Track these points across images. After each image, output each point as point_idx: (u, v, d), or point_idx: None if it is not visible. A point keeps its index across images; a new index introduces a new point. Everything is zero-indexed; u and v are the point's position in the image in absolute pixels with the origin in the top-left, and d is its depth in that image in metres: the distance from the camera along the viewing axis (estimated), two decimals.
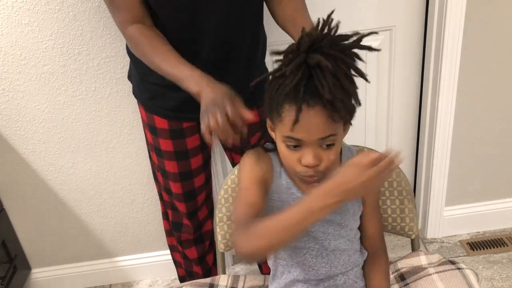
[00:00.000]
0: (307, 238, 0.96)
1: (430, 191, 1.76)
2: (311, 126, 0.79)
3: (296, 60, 0.77)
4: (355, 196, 0.77)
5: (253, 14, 1.12)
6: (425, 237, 1.86)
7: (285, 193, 0.95)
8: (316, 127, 0.79)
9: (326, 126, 0.79)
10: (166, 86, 1.14)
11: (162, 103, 1.18)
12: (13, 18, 1.36)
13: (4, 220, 1.65)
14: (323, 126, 0.79)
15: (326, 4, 1.47)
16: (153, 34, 1.04)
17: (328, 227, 0.96)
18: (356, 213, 0.99)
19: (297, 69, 0.77)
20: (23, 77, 1.45)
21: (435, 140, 1.66)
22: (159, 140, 1.24)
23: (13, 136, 1.54)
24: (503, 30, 1.51)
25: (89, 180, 1.64)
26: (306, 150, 0.82)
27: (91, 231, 1.74)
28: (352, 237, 0.99)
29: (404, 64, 1.61)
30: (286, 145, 0.84)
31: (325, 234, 0.96)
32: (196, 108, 1.18)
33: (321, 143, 0.81)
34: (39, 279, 1.81)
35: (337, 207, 0.75)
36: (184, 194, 1.32)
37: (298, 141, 0.82)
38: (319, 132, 0.80)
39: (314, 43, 0.77)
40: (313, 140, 0.81)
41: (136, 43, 1.05)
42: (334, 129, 0.81)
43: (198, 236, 1.44)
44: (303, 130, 0.79)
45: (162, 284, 1.81)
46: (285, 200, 0.95)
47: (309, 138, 0.80)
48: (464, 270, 0.99)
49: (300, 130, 0.79)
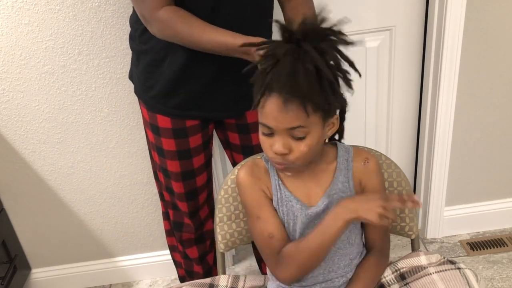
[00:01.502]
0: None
1: (430, 191, 1.76)
2: (279, 115, 0.81)
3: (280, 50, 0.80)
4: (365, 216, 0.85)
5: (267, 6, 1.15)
6: (425, 237, 1.86)
7: (285, 206, 0.95)
8: (283, 116, 0.81)
9: (294, 117, 0.81)
10: (173, 82, 1.15)
11: (167, 101, 1.18)
12: (13, 18, 1.36)
13: (4, 220, 1.65)
14: (291, 117, 0.81)
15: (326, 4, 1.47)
16: (187, 12, 1.04)
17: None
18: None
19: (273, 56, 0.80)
20: (23, 77, 1.45)
21: (435, 140, 1.66)
22: (162, 140, 1.24)
23: (13, 136, 1.54)
24: (503, 30, 1.51)
25: (89, 180, 1.64)
26: (276, 138, 0.85)
27: (91, 231, 1.74)
28: (353, 239, 0.98)
29: (404, 64, 1.61)
30: (261, 132, 0.87)
31: None
32: (201, 106, 1.19)
33: (290, 133, 0.83)
34: (39, 279, 1.81)
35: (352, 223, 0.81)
36: (186, 194, 1.32)
37: (269, 129, 0.84)
38: (286, 121, 0.82)
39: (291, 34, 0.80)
40: (281, 129, 0.83)
41: (173, 22, 1.02)
42: (303, 121, 0.82)
43: (199, 236, 1.44)
44: (272, 118, 0.82)
45: (162, 284, 1.81)
46: (285, 213, 0.95)
47: (277, 126, 0.83)
48: (464, 270, 0.99)
49: (269, 118, 0.83)
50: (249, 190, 0.96)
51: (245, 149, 1.30)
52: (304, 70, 0.77)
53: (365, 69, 1.59)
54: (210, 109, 1.20)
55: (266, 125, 0.84)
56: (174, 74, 1.14)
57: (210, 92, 1.16)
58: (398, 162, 1.19)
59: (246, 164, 1.00)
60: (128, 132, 1.56)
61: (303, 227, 0.95)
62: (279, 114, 0.81)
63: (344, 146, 1.00)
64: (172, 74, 1.14)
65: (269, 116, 0.83)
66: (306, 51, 0.78)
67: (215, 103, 1.19)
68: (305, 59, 0.78)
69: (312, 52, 0.78)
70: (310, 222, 0.95)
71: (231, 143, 1.32)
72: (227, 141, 1.33)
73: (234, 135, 1.29)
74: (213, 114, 1.22)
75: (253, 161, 1.01)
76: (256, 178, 0.96)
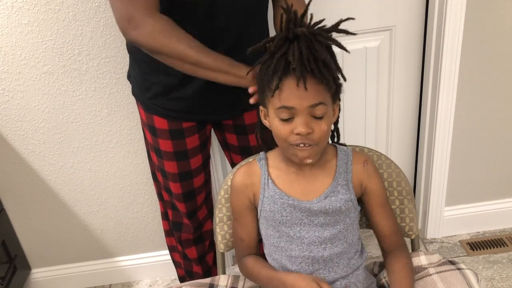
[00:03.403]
0: (301, 246, 0.96)
1: (430, 191, 1.76)
2: (301, 93, 0.83)
3: (278, 37, 0.85)
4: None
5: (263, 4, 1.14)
6: (425, 237, 1.86)
7: (274, 203, 0.96)
8: (306, 94, 0.83)
9: (316, 93, 0.84)
10: (166, 85, 1.15)
11: (162, 102, 1.18)
12: (13, 18, 1.36)
13: (4, 220, 1.65)
14: (313, 93, 0.84)
15: (327, 4, 1.47)
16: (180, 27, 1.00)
17: (323, 232, 0.95)
18: (352, 211, 0.98)
19: (282, 45, 0.84)
20: (23, 77, 1.45)
21: (435, 140, 1.66)
22: (159, 141, 1.24)
23: (13, 136, 1.54)
24: (503, 30, 1.51)
25: (89, 180, 1.64)
26: (298, 119, 0.86)
27: (91, 231, 1.74)
28: (351, 238, 0.98)
29: (404, 64, 1.61)
30: (279, 119, 0.88)
31: (321, 239, 0.95)
32: (196, 108, 1.19)
33: (311, 111, 0.85)
34: (39, 279, 1.81)
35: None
36: (183, 194, 1.32)
37: (290, 111, 0.86)
38: (309, 98, 0.84)
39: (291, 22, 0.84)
40: (304, 107, 0.85)
41: (169, 32, 0.97)
42: (324, 97, 0.85)
43: (198, 236, 1.44)
44: (294, 97, 0.84)
45: (162, 284, 1.81)
46: (276, 210, 0.96)
47: (300, 104, 0.84)
48: (464, 270, 0.99)
49: (291, 98, 0.84)
50: (236, 194, 1.02)
51: (243, 150, 1.30)
52: (321, 47, 0.83)
53: (365, 69, 1.59)
54: (207, 111, 1.20)
55: (287, 106, 0.85)
56: (168, 77, 1.13)
57: (206, 95, 1.16)
58: (398, 162, 1.20)
59: (241, 169, 1.03)
60: (128, 132, 1.56)
61: (295, 221, 0.96)
62: (301, 92, 0.83)
63: (343, 149, 1.01)
64: (166, 77, 1.13)
65: (290, 97, 0.84)
66: (314, 34, 0.84)
67: (211, 105, 1.19)
68: (317, 39, 0.83)
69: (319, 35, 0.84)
70: (303, 217, 0.95)
71: (229, 144, 1.32)
72: (225, 142, 1.33)
73: (232, 136, 1.29)
74: (210, 116, 1.22)
75: (248, 165, 1.03)
76: (245, 186, 1.00)
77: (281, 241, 0.98)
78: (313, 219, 0.95)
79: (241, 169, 1.03)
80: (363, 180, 0.98)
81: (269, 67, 0.86)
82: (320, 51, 0.83)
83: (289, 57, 0.83)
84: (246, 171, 1.01)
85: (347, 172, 0.97)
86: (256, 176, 0.99)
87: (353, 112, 1.67)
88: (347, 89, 1.62)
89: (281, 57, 0.84)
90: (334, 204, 0.94)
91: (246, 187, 1.00)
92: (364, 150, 1.11)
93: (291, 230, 0.96)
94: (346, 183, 0.96)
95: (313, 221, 0.95)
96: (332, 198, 0.95)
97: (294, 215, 0.95)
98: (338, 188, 0.96)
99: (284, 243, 0.98)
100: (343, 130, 1.69)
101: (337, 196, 0.95)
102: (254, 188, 0.99)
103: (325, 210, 0.94)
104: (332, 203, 0.94)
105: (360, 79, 1.61)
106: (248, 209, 1.01)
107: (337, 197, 0.95)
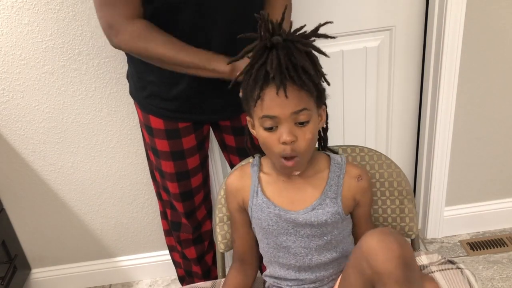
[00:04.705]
0: (287, 255, 0.96)
1: (430, 191, 1.76)
2: (283, 101, 0.83)
3: (257, 46, 0.85)
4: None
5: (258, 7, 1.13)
6: (425, 237, 1.86)
7: (261, 211, 0.96)
8: (287, 101, 0.83)
9: (298, 99, 0.84)
10: (162, 84, 1.15)
11: (158, 102, 1.18)
12: (13, 18, 1.36)
13: (4, 220, 1.65)
14: (294, 100, 0.84)
15: (326, 4, 1.47)
16: (159, 29, 1.04)
17: (310, 243, 0.95)
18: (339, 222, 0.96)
19: (261, 54, 0.84)
20: (23, 77, 1.45)
21: (435, 140, 1.66)
22: (155, 140, 1.24)
23: (13, 136, 1.54)
24: (503, 30, 1.51)
25: (89, 180, 1.64)
26: (281, 127, 0.86)
27: (91, 231, 1.74)
28: (342, 247, 0.98)
29: (404, 64, 1.61)
30: (263, 129, 0.88)
31: (307, 250, 0.95)
32: (192, 108, 1.19)
33: (295, 118, 0.85)
34: (39, 279, 1.81)
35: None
36: (181, 194, 1.32)
37: (273, 120, 0.85)
38: (292, 105, 0.84)
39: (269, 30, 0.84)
40: (286, 115, 0.84)
41: (146, 36, 1.02)
42: (306, 103, 0.85)
43: (197, 236, 1.44)
44: (276, 105, 0.84)
45: (162, 284, 1.81)
46: (263, 219, 0.96)
47: (282, 113, 0.84)
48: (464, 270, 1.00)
49: (273, 106, 0.84)
50: (229, 198, 1.03)
51: (240, 151, 1.30)
52: (299, 54, 0.82)
53: (365, 69, 1.59)
54: (202, 111, 1.20)
55: (269, 115, 0.85)
56: (161, 77, 1.13)
57: (201, 95, 1.16)
58: (398, 162, 1.20)
59: (234, 172, 1.05)
60: (128, 132, 1.56)
61: (281, 231, 0.96)
62: (282, 100, 0.83)
63: (337, 160, 0.99)
64: (160, 76, 1.14)
65: (272, 105, 0.84)
66: (292, 41, 0.83)
67: (207, 106, 1.19)
68: (295, 47, 0.83)
69: (297, 42, 0.84)
70: (289, 227, 0.95)
71: (227, 145, 1.32)
72: (223, 143, 1.34)
73: (230, 137, 1.29)
74: (205, 116, 1.22)
75: (241, 169, 1.04)
76: (236, 190, 1.01)
77: (269, 248, 0.99)
78: (299, 230, 0.95)
79: (235, 173, 1.04)
80: (356, 195, 0.97)
81: (250, 77, 0.86)
82: (299, 58, 0.83)
83: (267, 65, 0.83)
84: (239, 175, 1.02)
85: (338, 185, 0.96)
86: (247, 182, 1.00)
87: (353, 112, 1.67)
88: (347, 89, 1.62)
89: (261, 66, 0.84)
90: (320, 217, 0.93)
91: (238, 191, 1.01)
92: (364, 150, 1.11)
93: (278, 239, 0.97)
94: (335, 196, 0.95)
95: (299, 232, 0.95)
96: (319, 210, 0.94)
97: (280, 225, 0.95)
98: (326, 201, 0.95)
99: (272, 249, 0.99)
100: (343, 130, 1.69)
101: (324, 209, 0.94)
102: (245, 193, 1.00)
103: (310, 222, 0.93)
104: (318, 216, 0.93)
105: (360, 79, 1.61)
106: (239, 211, 1.02)
107: (324, 210, 0.94)
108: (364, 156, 1.11)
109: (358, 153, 1.11)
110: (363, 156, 1.11)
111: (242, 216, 1.02)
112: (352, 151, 1.12)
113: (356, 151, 1.11)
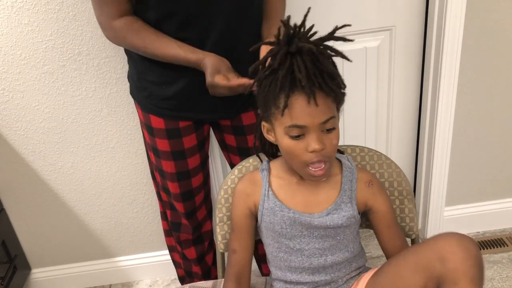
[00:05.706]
0: (301, 258, 0.96)
1: (430, 191, 1.76)
2: (312, 111, 0.81)
3: (281, 52, 0.81)
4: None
5: (256, 13, 1.13)
6: (425, 237, 1.86)
7: (274, 214, 0.96)
8: (316, 110, 0.81)
9: (326, 108, 0.82)
10: (162, 84, 1.15)
11: (158, 101, 1.18)
12: (13, 18, 1.36)
13: (4, 220, 1.65)
14: (323, 109, 0.82)
15: (327, 4, 1.47)
16: (143, 23, 1.07)
17: (323, 243, 0.95)
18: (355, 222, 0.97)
19: (284, 60, 0.81)
20: (23, 77, 1.45)
21: (435, 140, 1.66)
22: (156, 140, 1.24)
23: (13, 136, 1.54)
24: (503, 30, 1.51)
25: (89, 180, 1.64)
26: (310, 136, 0.84)
27: (91, 231, 1.74)
28: (352, 246, 0.98)
29: (404, 64, 1.61)
30: (289, 137, 0.85)
31: (321, 250, 0.95)
32: (192, 107, 1.19)
33: (322, 127, 0.84)
34: (39, 279, 1.81)
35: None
36: (181, 194, 1.32)
37: (300, 129, 0.83)
38: (320, 115, 0.82)
39: (290, 35, 0.81)
40: (315, 124, 0.83)
41: (127, 33, 1.07)
42: (333, 111, 0.84)
43: (197, 237, 1.44)
44: (305, 115, 0.82)
45: (162, 284, 1.81)
46: (276, 222, 0.95)
47: (312, 122, 0.82)
48: None
49: (302, 116, 0.82)
50: (239, 205, 1.00)
51: (241, 151, 1.30)
52: (324, 59, 0.81)
53: (365, 69, 1.59)
54: (202, 110, 1.20)
55: (298, 125, 0.83)
56: (160, 76, 1.14)
57: (201, 94, 1.15)
58: (398, 162, 1.19)
59: (244, 178, 1.02)
60: (128, 132, 1.56)
61: (295, 233, 0.95)
62: (312, 110, 0.81)
63: (348, 165, 0.99)
64: (159, 75, 1.14)
65: (301, 114, 0.82)
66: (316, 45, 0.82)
67: (207, 105, 1.18)
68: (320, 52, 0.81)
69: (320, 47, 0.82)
70: (303, 229, 0.95)
71: (228, 144, 1.32)
72: (224, 142, 1.33)
73: (230, 137, 1.29)
74: (206, 115, 1.22)
75: (251, 174, 1.02)
76: (247, 195, 0.99)
77: (280, 252, 0.98)
78: (313, 231, 0.94)
79: (245, 177, 1.02)
80: (368, 200, 0.97)
81: (272, 83, 0.83)
82: (325, 64, 0.81)
83: (296, 73, 0.80)
84: (249, 180, 1.01)
85: (352, 190, 0.96)
86: (257, 186, 0.99)
87: (353, 112, 1.67)
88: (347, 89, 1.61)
89: (287, 73, 0.81)
90: (336, 221, 0.93)
91: (248, 196, 0.99)
92: (364, 150, 1.11)
93: (291, 242, 0.96)
94: (350, 201, 0.96)
95: (313, 233, 0.95)
96: (335, 215, 0.94)
97: (294, 227, 0.95)
98: (341, 206, 0.95)
99: (283, 254, 0.97)
100: (343, 130, 1.69)
101: (340, 214, 0.94)
102: (255, 197, 0.98)
103: (326, 226, 0.93)
104: (334, 220, 0.93)
105: (360, 79, 1.61)
106: (247, 218, 1.00)
107: (340, 214, 0.94)
108: (364, 156, 1.11)
109: (358, 153, 1.11)
110: (363, 156, 1.11)
111: (249, 222, 1.00)
112: (352, 151, 1.12)
113: (356, 151, 1.11)
